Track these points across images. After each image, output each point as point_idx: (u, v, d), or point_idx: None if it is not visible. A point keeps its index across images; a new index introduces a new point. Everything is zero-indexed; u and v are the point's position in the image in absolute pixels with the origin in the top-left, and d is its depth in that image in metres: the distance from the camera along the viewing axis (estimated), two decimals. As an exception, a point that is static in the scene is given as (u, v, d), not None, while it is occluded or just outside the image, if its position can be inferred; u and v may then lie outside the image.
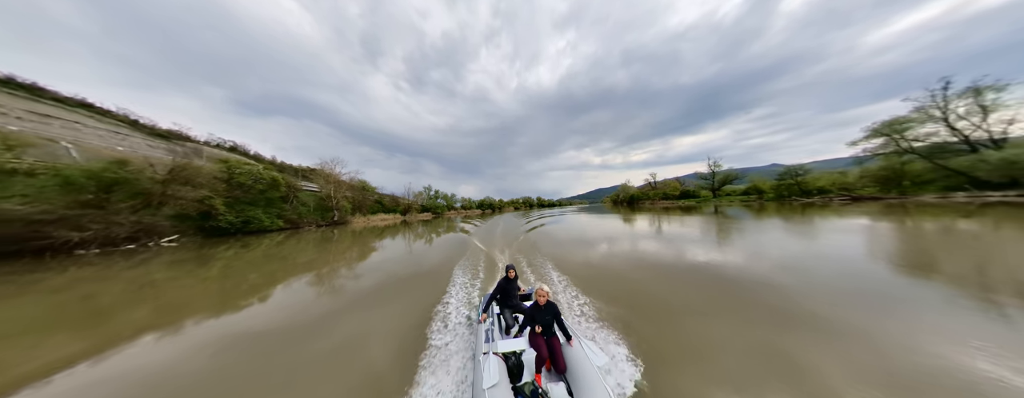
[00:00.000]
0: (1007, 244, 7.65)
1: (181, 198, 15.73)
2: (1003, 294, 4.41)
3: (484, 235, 15.72)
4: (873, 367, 2.95)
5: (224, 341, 4.21)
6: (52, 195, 11.54)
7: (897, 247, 7.93)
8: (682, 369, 3.10)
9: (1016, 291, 4.47)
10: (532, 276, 7.08)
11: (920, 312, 4.04)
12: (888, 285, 5.14)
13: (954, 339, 3.31)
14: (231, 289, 7.06)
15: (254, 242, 15.80)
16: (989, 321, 3.68)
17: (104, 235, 12.35)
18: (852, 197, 29.49)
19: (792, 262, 6.88)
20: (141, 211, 13.99)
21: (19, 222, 10.43)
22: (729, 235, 11.50)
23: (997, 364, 2.84)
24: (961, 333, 3.43)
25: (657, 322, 4.28)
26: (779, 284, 5.40)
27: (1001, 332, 3.40)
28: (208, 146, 47.39)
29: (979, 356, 2.97)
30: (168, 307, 5.81)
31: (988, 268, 5.76)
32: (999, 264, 5.99)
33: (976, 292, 4.53)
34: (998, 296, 4.33)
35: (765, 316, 4.17)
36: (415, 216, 49.32)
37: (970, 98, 23.42)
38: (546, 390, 2.64)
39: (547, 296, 3.09)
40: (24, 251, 10.69)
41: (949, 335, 3.41)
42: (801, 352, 3.24)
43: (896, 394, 2.54)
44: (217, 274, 8.77)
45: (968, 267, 5.85)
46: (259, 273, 8.70)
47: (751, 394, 2.65)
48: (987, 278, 5.17)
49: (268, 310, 5.53)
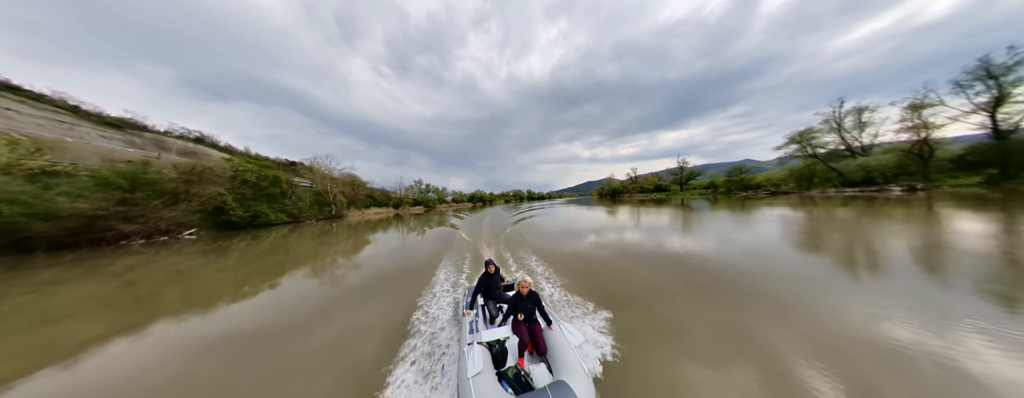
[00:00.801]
0: (869, 228, 9.97)
1: (201, 195, 17.49)
2: (878, 268, 5.86)
3: (472, 228, 17.34)
4: (805, 332, 3.54)
5: (242, 318, 5.14)
6: (92, 193, 13.23)
7: (806, 231, 10.34)
8: (649, 340, 3.59)
9: (873, 264, 6.07)
10: (514, 265, 7.80)
11: (821, 286, 5.04)
12: (798, 263, 6.52)
13: (858, 305, 4.17)
14: (251, 275, 8.32)
15: (263, 234, 17.66)
16: (878, 285, 4.92)
17: (146, 228, 14.29)
18: (772, 192, 37.17)
19: (736, 246, 8.26)
20: (170, 207, 15.80)
21: (75, 218, 12.27)
22: (690, 225, 13.68)
23: (890, 322, 3.62)
24: (863, 300, 4.32)
25: (628, 301, 4.91)
26: (725, 265, 6.50)
27: (882, 294, 4.51)
28: (170, 137, 43.80)
29: (879, 319, 3.72)
30: (205, 288, 7.19)
31: (881, 249, 7.20)
32: (880, 243, 7.71)
33: (866, 267, 5.89)
34: (880, 270, 5.69)
35: (722, 294, 4.96)
36: (408, 210, 50.79)
37: (853, 115, 31.15)
38: (528, 372, 2.83)
39: (529, 286, 3.29)
40: (81, 242, 12.55)
41: (853, 302, 4.29)
42: (752, 324, 3.80)
43: (821, 350, 3.14)
44: (233, 264, 10.11)
45: (862, 248, 7.29)
46: (271, 261, 10.21)
47: (709, 363, 3.07)
48: (878, 257, 6.53)
49: (282, 291, 6.65)
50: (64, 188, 12.69)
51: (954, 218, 10.84)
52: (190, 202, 17.09)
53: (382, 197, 53.02)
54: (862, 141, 32.06)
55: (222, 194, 18.33)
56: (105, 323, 5.15)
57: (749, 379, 2.82)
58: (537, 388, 2.42)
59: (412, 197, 58.59)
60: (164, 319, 5.13)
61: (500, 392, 2.35)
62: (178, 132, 49.01)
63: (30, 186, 12.26)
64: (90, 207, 12.64)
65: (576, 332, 3.09)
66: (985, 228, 8.75)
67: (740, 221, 13.64)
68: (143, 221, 14.30)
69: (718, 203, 26.35)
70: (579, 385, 2.32)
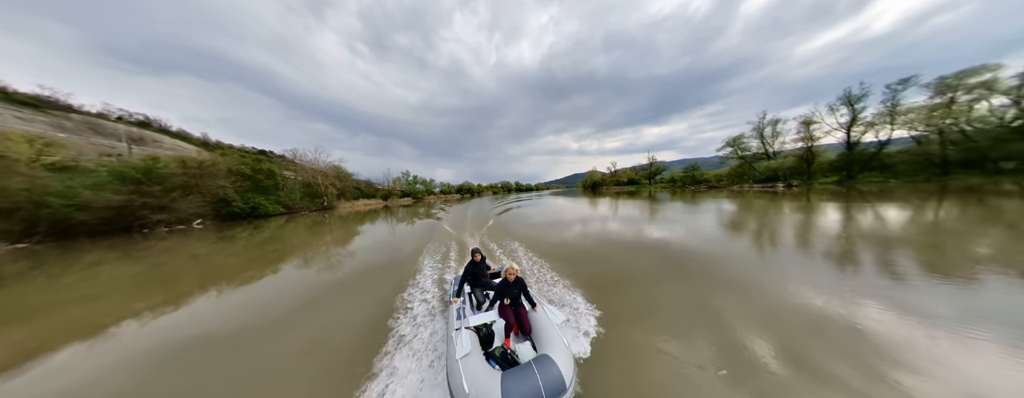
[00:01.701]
0: (772, 215, 12.70)
1: (207, 188, 19.16)
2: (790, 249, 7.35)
3: (458, 219, 18.69)
4: (746, 305, 4.27)
5: (253, 295, 6.02)
6: (112, 187, 14.90)
7: (735, 220, 12.59)
8: (620, 315, 4.12)
9: (783, 245, 7.82)
10: (499, 251, 8.58)
11: (752, 264, 6.16)
12: (731, 246, 7.92)
13: (789, 282, 5.08)
14: (257, 258, 9.75)
15: (264, 224, 19.36)
16: (808, 264, 6.07)
17: (169, 218, 16.30)
18: (710, 186, 45.72)
19: (691, 233, 9.71)
20: (185, 199, 17.54)
21: (107, 209, 14.00)
22: (655, 214, 16.06)
23: (821, 294, 4.50)
24: (794, 279, 5.22)
25: (601, 281, 5.64)
26: (678, 249, 7.66)
27: (811, 273, 5.53)
28: (106, 119, 39.51)
29: (807, 292, 4.57)
30: (224, 268, 8.58)
31: (779, 231, 9.28)
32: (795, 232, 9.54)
33: (772, 246, 7.65)
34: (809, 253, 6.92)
35: (679, 273, 5.94)
36: (396, 201, 52.44)
37: (771, 126, 40.55)
38: (514, 350, 3.06)
39: (516, 273, 3.44)
40: (112, 230, 14.34)
41: (788, 280, 5.19)
42: (705, 300, 4.49)
43: (765, 320, 3.76)
44: (244, 248, 11.85)
45: (769, 231, 9.20)
46: (275, 247, 11.73)
47: (672, 332, 3.57)
48: (778, 237, 8.32)
49: (286, 272, 7.75)
50: (87, 182, 14.33)
51: (820, 208, 13.91)
52: (202, 194, 18.83)
53: (368, 188, 53.23)
54: (773, 147, 41.55)
55: (224, 187, 19.92)
56: (144, 296, 6.24)
57: (707, 343, 3.42)
58: (522, 363, 2.61)
59: (400, 189, 59.66)
60: (194, 292, 6.37)
61: (488, 370, 2.52)
62: (116, 114, 43.98)
63: (61, 182, 13.91)
64: (120, 199, 14.49)
65: (558, 312, 3.37)
66: (839, 217, 11.81)
67: (690, 211, 16.63)
68: (169, 211, 16.27)
69: (676, 195, 30.93)
70: (560, 357, 2.59)
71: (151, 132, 43.88)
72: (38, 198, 12.93)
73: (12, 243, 12.47)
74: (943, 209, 12.15)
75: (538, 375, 2.39)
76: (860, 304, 4.20)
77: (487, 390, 2.29)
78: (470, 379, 2.38)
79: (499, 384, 2.34)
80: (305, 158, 37.13)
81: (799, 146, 36.73)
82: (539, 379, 2.36)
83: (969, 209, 11.68)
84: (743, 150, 43.29)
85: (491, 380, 2.37)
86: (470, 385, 2.33)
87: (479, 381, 2.37)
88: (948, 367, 2.94)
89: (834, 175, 34.27)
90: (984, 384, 2.69)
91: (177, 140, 45.61)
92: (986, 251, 6.33)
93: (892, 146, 31.16)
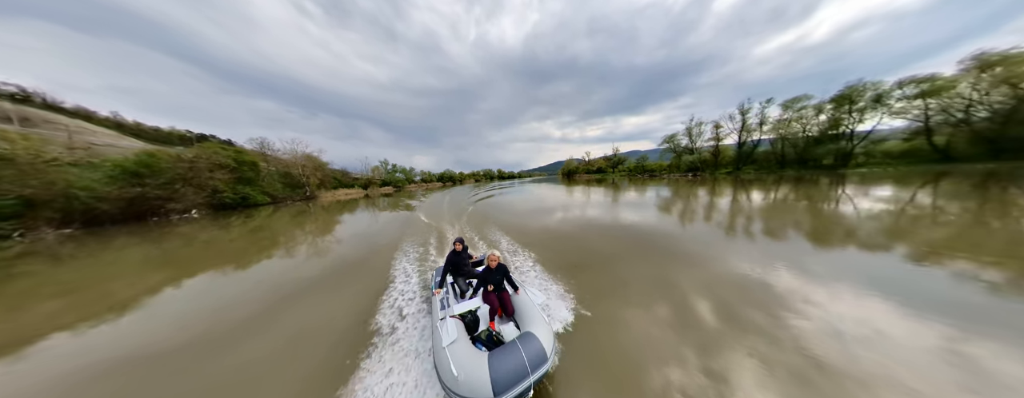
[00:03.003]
0: (695, 199, 17.10)
1: (202, 180, 21.33)
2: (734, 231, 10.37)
3: (436, 207, 20.45)
4: (701, 276, 5.35)
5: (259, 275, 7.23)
6: (124, 180, 17.06)
7: (669, 203, 16.70)
8: (590, 288, 5.00)
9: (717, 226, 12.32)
10: (478, 238, 9.45)
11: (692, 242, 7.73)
12: (679, 227, 9.94)
13: (725, 256, 6.31)
14: (256, 241, 11.59)
15: (255, 213, 20.99)
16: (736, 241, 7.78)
17: (178, 207, 18.95)
18: (650, 175, 57.45)
19: (643, 216, 12.32)
20: (188, 189, 19.97)
21: (122, 200, 16.27)
22: (616, 199, 19.77)
23: (757, 266, 5.59)
24: (725, 252, 6.53)
25: (570, 259, 6.66)
26: (628, 229, 9.63)
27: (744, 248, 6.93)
28: None
29: (749, 265, 5.68)
30: (230, 251, 10.17)
31: (699, 211, 14.33)
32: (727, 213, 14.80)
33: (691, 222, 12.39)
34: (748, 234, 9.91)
35: (631, 249, 7.30)
36: (376, 190, 53.56)
37: (697, 126, 53.76)
38: (499, 332, 3.30)
39: (498, 260, 3.66)
40: (127, 218, 16.84)
41: (721, 254, 6.44)
42: (661, 273, 5.54)
43: (710, 289, 4.82)
44: (243, 233, 13.60)
45: (690, 212, 13.41)
46: (271, 231, 13.90)
47: (640, 305, 4.38)
48: (696, 216, 13.11)
49: (285, 255, 9.20)
50: (98, 175, 16.47)
51: (719, 191, 18.46)
52: (195, 186, 20.92)
53: (345, 178, 52.77)
54: (696, 144, 54.82)
55: (215, 179, 21.91)
56: (163, 273, 7.62)
57: (664, 310, 4.22)
58: (507, 342, 2.78)
59: (380, 178, 60.59)
60: (210, 268, 7.84)
61: (475, 352, 2.67)
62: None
63: (78, 176, 16.06)
64: (136, 192, 16.94)
65: (538, 293, 3.65)
66: (727, 199, 16.15)
67: (639, 193, 21.43)
68: (178, 201, 18.92)
69: (630, 182, 38.55)
70: (542, 333, 2.89)
71: (37, 109, 37.39)
72: (68, 191, 15.17)
73: (56, 229, 14.82)
74: (781, 191, 17.57)
75: (522, 350, 2.58)
76: (764, 267, 5.63)
77: (475, 371, 2.41)
78: (458, 364, 2.48)
79: (486, 363, 2.48)
80: (275, 147, 37.37)
81: (710, 144, 50.92)
82: (523, 354, 2.55)
83: (797, 191, 17.16)
84: (677, 146, 56.68)
85: (478, 361, 2.51)
86: (458, 369, 2.43)
87: (467, 364, 2.48)
88: (819, 308, 4.09)
89: (729, 167, 47.41)
90: (840, 317, 3.84)
91: (80, 121, 39.53)
92: (806, 223, 9.50)
93: (762, 147, 45.02)
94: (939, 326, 3.62)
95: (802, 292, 4.61)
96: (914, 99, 30.79)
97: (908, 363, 3.08)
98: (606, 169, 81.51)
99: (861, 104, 33.59)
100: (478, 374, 2.41)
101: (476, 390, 2.34)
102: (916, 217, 9.38)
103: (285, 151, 37.64)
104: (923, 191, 14.73)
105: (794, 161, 39.87)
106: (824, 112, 36.52)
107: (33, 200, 14.16)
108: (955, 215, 9.32)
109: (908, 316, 3.88)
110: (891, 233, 7.63)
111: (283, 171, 35.16)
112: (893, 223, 8.70)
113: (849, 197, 14.14)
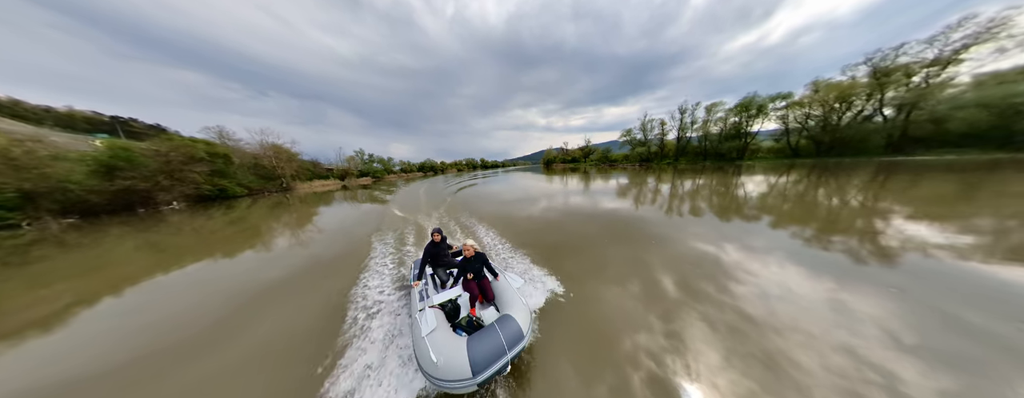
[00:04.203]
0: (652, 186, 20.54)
1: (181, 173, 23.22)
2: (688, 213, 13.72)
3: (420, 196, 22.43)
4: (664, 254, 6.30)
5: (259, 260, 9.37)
6: (99, 175, 18.83)
7: (626, 188, 20.36)
8: (561, 267, 5.75)
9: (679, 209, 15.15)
10: (455, 225, 10.12)
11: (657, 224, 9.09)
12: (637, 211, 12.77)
13: (687, 236, 7.49)
14: (247, 228, 13.45)
15: (235, 205, 22.24)
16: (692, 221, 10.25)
17: (167, 198, 21.45)
18: (610, 164, 69.14)
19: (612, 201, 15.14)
20: (171, 182, 22.04)
21: (107, 192, 18.46)
22: (585, 185, 23.27)
23: (713, 246, 6.62)
24: (689, 232, 7.83)
25: (546, 245, 7.37)
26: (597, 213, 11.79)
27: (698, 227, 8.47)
28: None
29: (708, 243, 6.75)
30: (215, 238, 11.70)
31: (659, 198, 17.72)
32: None
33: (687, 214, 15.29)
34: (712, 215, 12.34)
35: (605, 231, 8.44)
36: (354, 181, 53.67)
37: (649, 122, 64.49)
38: (479, 317, 3.45)
39: (473, 249, 3.79)
40: (117, 209, 18.89)
41: (685, 234, 7.65)
42: (624, 253, 6.44)
43: (673, 263, 5.74)
44: (231, 222, 15.59)
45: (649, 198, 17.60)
46: (259, 218, 16.28)
47: (612, 282, 5.02)
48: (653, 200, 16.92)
49: (262, 247, 11.21)
50: (84, 169, 18.45)
51: (663, 178, 22.58)
52: (174, 179, 22.80)
53: (317, 169, 50.70)
54: (647, 137, 65.63)
55: (192, 171, 23.72)
56: (160, 259, 8.56)
57: (636, 286, 4.85)
58: (487, 326, 2.93)
59: (356, 168, 60.84)
60: (206, 255, 9.34)
61: (455, 338, 2.80)
62: None
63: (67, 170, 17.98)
64: (124, 184, 19.07)
65: (517, 278, 3.89)
66: (668, 185, 19.74)
67: (606, 182, 25.02)
68: (168, 192, 21.49)
69: (598, 171, 44.35)
70: (519, 314, 3.09)
71: None
72: (61, 185, 17.10)
73: (56, 218, 16.89)
74: (704, 178, 22.10)
75: (500, 332, 2.82)
76: (712, 243, 6.82)
77: (454, 356, 2.57)
78: (437, 351, 2.62)
79: (465, 347, 2.66)
80: (236, 137, 36.30)
81: (657, 138, 63.93)
82: (500, 335, 2.79)
83: (714, 178, 21.72)
84: (632, 140, 67.33)
85: (457, 346, 2.67)
86: (438, 355, 2.57)
87: (446, 350, 2.62)
88: (756, 276, 5.04)
89: (669, 158, 59.52)
90: (770, 282, 4.83)
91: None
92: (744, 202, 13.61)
93: (694, 142, 57.72)
94: (828, 282, 4.77)
95: (738, 263, 5.70)
96: (780, 111, 45.08)
97: (807, 311, 3.99)
98: (579, 159, 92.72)
99: (752, 112, 46.88)
100: (457, 357, 2.56)
101: (456, 372, 2.51)
102: (798, 199, 12.41)
103: (250, 141, 37.56)
104: (786, 178, 19.80)
105: (712, 154, 53.33)
106: (732, 116, 50.12)
107: (31, 193, 15.99)
108: (813, 197, 12.78)
109: (810, 277, 4.99)
110: (789, 214, 9.68)
111: (251, 163, 35.02)
112: (788, 205, 11.25)
113: (754, 183, 18.56)
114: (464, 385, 2.56)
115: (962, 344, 3.36)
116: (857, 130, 37.27)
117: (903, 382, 2.84)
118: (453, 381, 2.54)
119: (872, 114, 37.04)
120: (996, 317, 3.79)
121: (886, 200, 11.23)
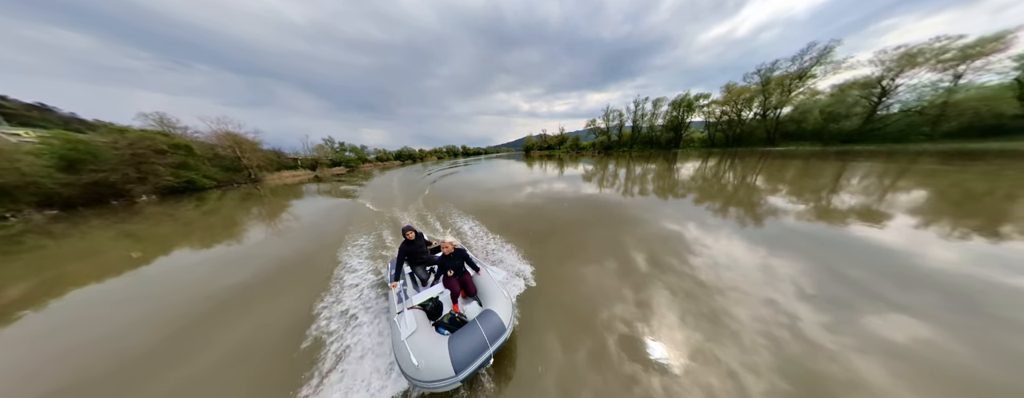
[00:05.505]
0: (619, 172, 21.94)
1: (152, 165, 22.44)
2: None
3: (403, 184, 23.67)
4: (637, 234, 7.20)
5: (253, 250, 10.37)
6: (55, 169, 17.79)
7: (591, 172, 21.49)
8: (538, 252, 6.35)
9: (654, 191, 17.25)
10: (434, 219, 10.19)
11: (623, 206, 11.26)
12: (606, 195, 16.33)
13: (659, 218, 8.69)
14: (227, 216, 14.14)
15: (206, 196, 21.90)
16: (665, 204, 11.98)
17: (137, 190, 21.14)
18: (578, 151, 77.75)
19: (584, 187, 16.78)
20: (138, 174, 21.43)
21: (80, 185, 18.25)
22: (560, 170, 26.60)
23: (680, 226, 7.83)
24: (660, 214, 9.21)
25: (519, 228, 8.28)
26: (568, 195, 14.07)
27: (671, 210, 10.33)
28: None
29: (678, 225, 7.88)
30: (192, 229, 11.87)
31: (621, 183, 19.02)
32: None
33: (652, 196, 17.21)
34: None
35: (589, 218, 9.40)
36: (326, 171, 51.42)
37: (611, 113, 72.26)
38: (462, 313, 3.45)
39: (452, 246, 3.79)
40: (90, 201, 18.96)
41: (657, 216, 8.91)
42: (608, 235, 7.30)
43: (645, 243, 6.63)
44: (206, 212, 15.51)
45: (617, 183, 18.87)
46: (238, 208, 16.42)
47: (592, 262, 5.71)
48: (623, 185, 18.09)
49: (249, 232, 11.66)
50: (48, 162, 17.54)
51: (623, 164, 24.08)
52: (150, 171, 22.28)
53: (281, 159, 46.21)
54: (611, 128, 73.22)
55: (158, 163, 22.65)
56: (154, 245, 9.47)
57: (613, 264, 5.59)
58: (469, 322, 2.95)
59: (328, 158, 57.89)
60: (185, 243, 9.96)
61: (437, 338, 2.79)
62: None
63: None
64: (97, 177, 18.82)
65: (499, 271, 4.03)
66: (625, 170, 21.32)
67: (575, 167, 27.76)
68: (145, 183, 21.62)
69: (571, 158, 51.32)
70: (501, 307, 3.14)
71: None
72: (34, 178, 16.73)
73: (39, 210, 17.00)
74: (652, 164, 25.17)
75: (482, 328, 2.84)
76: (676, 222, 8.20)
77: (436, 358, 2.57)
78: (418, 353, 2.61)
79: (446, 346, 2.65)
80: (181, 124, 32.98)
81: (616, 127, 72.09)
82: (483, 331, 2.80)
83: (659, 164, 24.28)
84: (596, 129, 74.49)
85: (439, 346, 2.67)
86: (418, 358, 2.57)
87: (427, 352, 2.62)
88: (710, 249, 6.24)
89: (625, 146, 67.97)
90: (721, 253, 5.98)
91: None
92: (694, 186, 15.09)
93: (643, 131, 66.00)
94: (761, 251, 6.02)
95: (698, 239, 6.83)
96: (705, 108, 54.93)
97: (744, 275, 4.98)
98: (555, 146, 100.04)
99: (684, 108, 56.99)
100: (439, 358, 2.56)
101: (437, 373, 2.51)
102: (715, 180, 15.18)
103: (201, 130, 34.40)
104: (713, 163, 23.99)
105: (656, 142, 63.64)
106: (672, 111, 59.63)
107: (3, 187, 15.98)
108: (740, 179, 15.51)
109: (751, 248, 6.18)
110: (727, 195, 11.97)
111: (210, 154, 32.15)
112: (727, 188, 13.59)
113: (686, 169, 20.74)
114: (447, 383, 2.59)
115: (840, 290, 4.71)
116: (750, 126, 49.50)
117: (801, 320, 4.12)
118: (435, 381, 2.56)
119: (763, 114, 47.86)
120: (867, 270, 5.24)
121: (781, 182, 14.46)
